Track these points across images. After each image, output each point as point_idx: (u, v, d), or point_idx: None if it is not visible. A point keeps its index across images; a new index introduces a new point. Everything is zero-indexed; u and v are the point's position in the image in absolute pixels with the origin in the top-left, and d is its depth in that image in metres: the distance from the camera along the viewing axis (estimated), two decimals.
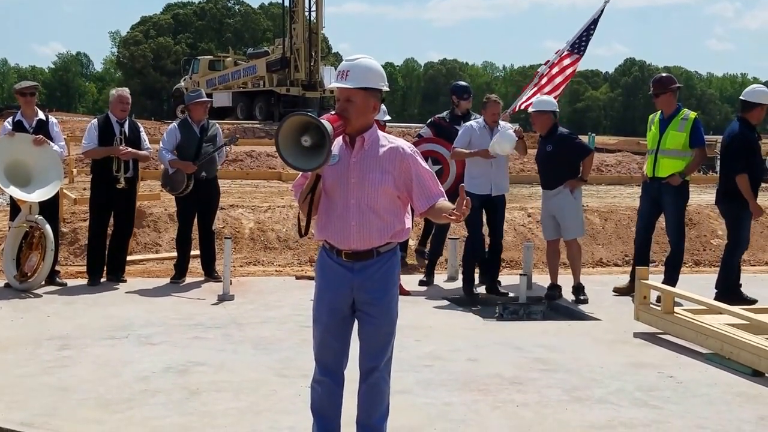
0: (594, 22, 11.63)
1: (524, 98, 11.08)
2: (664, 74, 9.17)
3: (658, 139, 8.63)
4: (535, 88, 11.17)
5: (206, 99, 9.57)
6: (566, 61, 11.43)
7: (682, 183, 8.65)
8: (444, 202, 4.09)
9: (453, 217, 3.88)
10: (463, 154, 8.82)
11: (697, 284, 8.92)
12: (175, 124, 9.64)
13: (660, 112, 8.79)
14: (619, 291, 9.02)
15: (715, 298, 8.35)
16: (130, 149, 9.00)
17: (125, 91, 9.30)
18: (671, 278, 8.63)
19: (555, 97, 10.23)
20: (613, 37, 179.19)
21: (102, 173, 9.06)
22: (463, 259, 9.15)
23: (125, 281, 9.16)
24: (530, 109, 9.17)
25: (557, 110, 9.05)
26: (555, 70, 11.38)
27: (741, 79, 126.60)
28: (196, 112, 9.32)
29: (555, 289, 8.88)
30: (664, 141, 8.59)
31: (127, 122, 9.18)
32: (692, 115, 8.69)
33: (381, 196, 4.03)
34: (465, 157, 8.85)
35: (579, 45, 11.48)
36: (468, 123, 9.02)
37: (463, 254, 9.19)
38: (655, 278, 8.24)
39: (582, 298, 8.68)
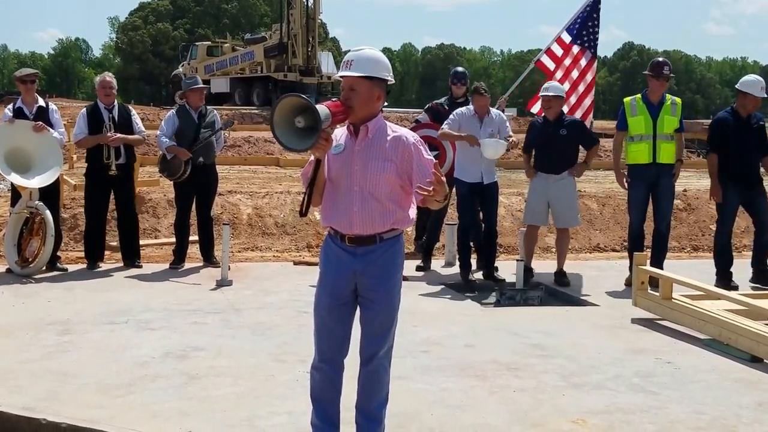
0: (595, 10, 11.41)
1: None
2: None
3: (653, 124, 8.67)
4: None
5: (203, 85, 9.62)
6: (582, 62, 11.09)
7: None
8: None
9: (424, 193, 3.87)
10: (451, 135, 8.80)
11: (696, 269, 8.95)
12: (173, 110, 9.67)
13: (640, 97, 8.86)
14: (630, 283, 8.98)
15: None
16: (119, 135, 9.00)
17: (107, 76, 9.31)
18: (660, 261, 8.65)
19: (588, 109, 10.33)
20: (611, 21, 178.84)
21: (94, 161, 9.10)
22: (458, 244, 9.17)
23: (141, 266, 9.20)
24: (546, 93, 9.00)
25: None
26: (575, 72, 10.93)
27: (741, 63, 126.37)
28: (193, 98, 9.36)
29: (530, 272, 9.03)
30: (661, 126, 8.67)
31: (116, 108, 9.18)
32: (678, 100, 8.91)
33: (383, 184, 4.06)
34: (452, 140, 8.87)
35: (588, 39, 11.19)
36: (458, 109, 9.00)
37: (457, 240, 9.22)
38: None
39: (564, 280, 8.89)
